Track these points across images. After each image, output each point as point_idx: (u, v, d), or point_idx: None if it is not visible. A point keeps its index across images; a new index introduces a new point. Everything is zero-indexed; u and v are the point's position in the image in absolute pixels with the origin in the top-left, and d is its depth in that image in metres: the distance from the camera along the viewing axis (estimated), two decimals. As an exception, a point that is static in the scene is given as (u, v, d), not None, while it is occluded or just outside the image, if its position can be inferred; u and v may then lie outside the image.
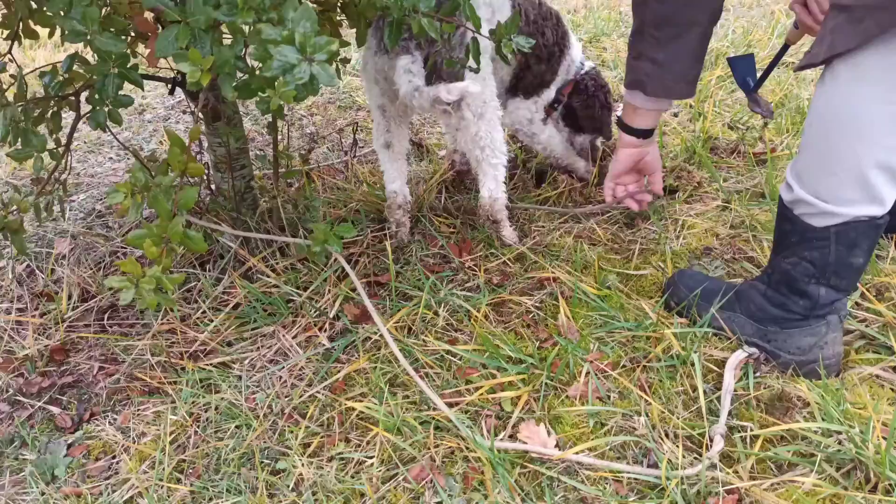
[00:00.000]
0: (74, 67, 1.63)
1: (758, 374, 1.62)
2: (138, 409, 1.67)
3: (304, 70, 1.06)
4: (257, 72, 1.23)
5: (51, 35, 1.81)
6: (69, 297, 2.01)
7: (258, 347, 1.79)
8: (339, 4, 1.90)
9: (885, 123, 1.37)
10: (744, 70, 2.21)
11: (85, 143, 3.10)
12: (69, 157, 1.74)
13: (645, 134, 1.93)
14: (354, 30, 1.89)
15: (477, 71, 1.56)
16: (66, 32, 1.29)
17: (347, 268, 1.74)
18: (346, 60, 2.17)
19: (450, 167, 2.46)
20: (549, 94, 2.35)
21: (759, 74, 2.21)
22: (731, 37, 3.82)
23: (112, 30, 1.33)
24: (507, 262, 2.05)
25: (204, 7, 1.21)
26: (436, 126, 3.05)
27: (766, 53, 3.48)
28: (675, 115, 3.00)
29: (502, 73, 2.17)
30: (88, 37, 1.29)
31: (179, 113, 3.47)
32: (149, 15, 1.56)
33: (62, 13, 1.29)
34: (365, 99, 3.41)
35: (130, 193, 1.38)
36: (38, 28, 1.76)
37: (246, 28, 1.21)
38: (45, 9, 1.53)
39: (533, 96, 2.30)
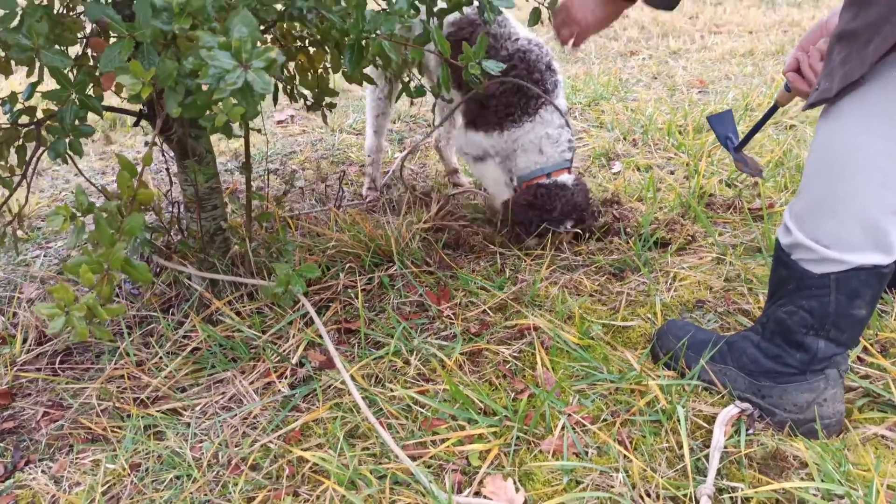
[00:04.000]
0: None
1: (751, 431, 1.48)
2: (77, 457, 1.54)
3: (238, 76, 0.99)
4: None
5: (29, 73, 1.78)
6: (24, 340, 1.91)
7: (212, 394, 1.67)
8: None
9: (891, 162, 1.26)
10: (723, 127, 2.13)
11: (71, 191, 3.07)
12: (28, 189, 1.68)
13: None
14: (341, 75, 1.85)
15: (449, 101, 1.50)
16: (12, 47, 1.25)
17: (310, 309, 1.63)
18: (331, 106, 2.14)
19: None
20: (478, 139, 2.26)
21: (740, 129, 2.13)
22: (733, 104, 3.80)
23: (60, 47, 1.28)
24: (488, 311, 1.94)
25: (152, 20, 1.16)
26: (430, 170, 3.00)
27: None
28: (672, 172, 2.94)
29: None
30: (35, 52, 1.24)
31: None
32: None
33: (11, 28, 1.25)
34: (357, 154, 3.38)
35: (70, 217, 1.31)
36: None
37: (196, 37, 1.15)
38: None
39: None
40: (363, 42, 1.30)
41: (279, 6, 1.37)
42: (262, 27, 1.54)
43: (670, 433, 1.48)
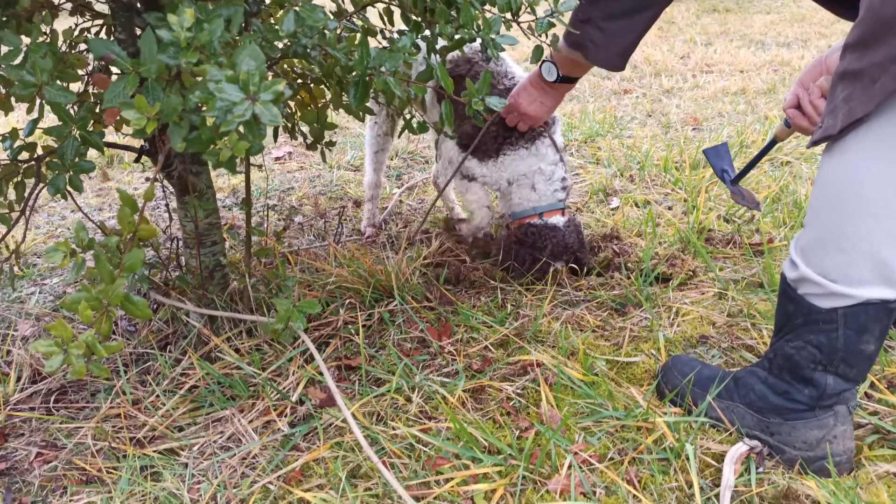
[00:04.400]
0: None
1: (760, 469, 1.45)
2: (71, 500, 1.50)
3: (245, 108, 0.99)
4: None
5: (29, 109, 1.79)
6: (18, 379, 1.88)
7: (210, 433, 1.64)
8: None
9: None
10: (719, 160, 2.13)
11: (69, 228, 3.05)
12: (26, 226, 1.67)
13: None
14: (343, 111, 1.85)
15: (453, 137, 1.51)
16: (16, 83, 1.24)
17: (311, 346, 1.61)
18: (331, 144, 2.15)
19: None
20: (471, 164, 2.26)
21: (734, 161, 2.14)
22: (727, 141, 3.83)
23: (63, 83, 1.28)
24: (490, 346, 1.92)
25: (157, 56, 1.16)
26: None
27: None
28: (670, 208, 2.95)
29: None
30: (38, 89, 1.24)
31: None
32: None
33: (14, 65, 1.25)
34: (356, 190, 3.38)
35: (70, 252, 1.29)
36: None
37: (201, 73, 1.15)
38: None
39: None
40: (367, 78, 1.30)
41: (282, 44, 1.38)
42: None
43: (679, 472, 1.45)
